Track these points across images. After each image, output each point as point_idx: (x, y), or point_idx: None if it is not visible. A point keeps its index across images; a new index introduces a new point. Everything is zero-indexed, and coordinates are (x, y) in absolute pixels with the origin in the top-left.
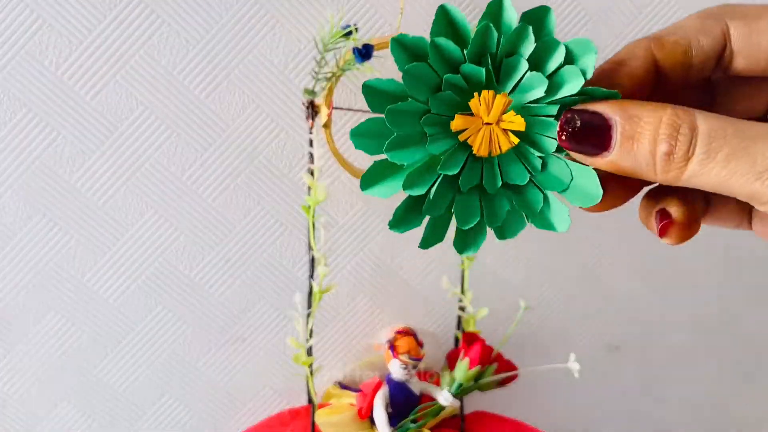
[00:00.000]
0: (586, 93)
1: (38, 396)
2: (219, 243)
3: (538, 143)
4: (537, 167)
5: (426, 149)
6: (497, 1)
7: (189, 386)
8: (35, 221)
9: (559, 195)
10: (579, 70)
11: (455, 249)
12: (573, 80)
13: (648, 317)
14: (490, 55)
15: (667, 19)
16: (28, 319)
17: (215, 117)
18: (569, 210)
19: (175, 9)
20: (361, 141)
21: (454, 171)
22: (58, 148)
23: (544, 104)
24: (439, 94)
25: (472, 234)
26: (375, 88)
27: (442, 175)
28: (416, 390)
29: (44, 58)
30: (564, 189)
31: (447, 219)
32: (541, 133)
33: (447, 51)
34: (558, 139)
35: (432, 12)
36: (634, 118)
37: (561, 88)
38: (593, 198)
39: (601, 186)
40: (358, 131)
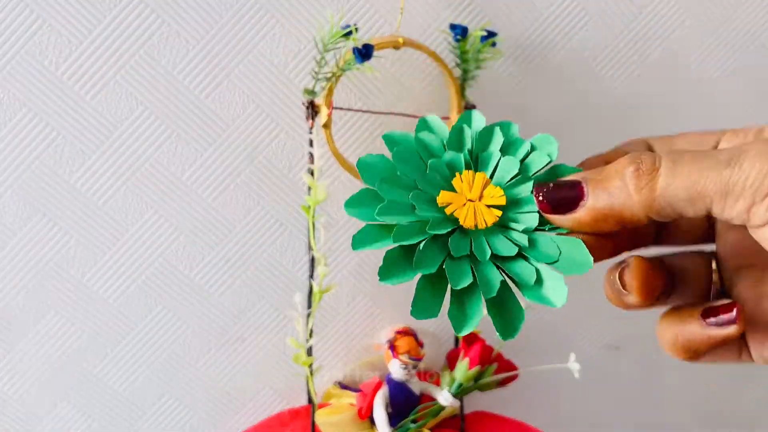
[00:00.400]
0: (555, 171)
1: (38, 396)
2: (219, 243)
3: (521, 222)
4: (524, 245)
5: (416, 215)
6: (467, 113)
7: (189, 386)
8: (35, 221)
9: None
10: (545, 154)
11: (452, 325)
12: (541, 160)
13: (648, 317)
14: (467, 149)
15: (667, 19)
16: (28, 320)
17: (215, 117)
18: (564, 280)
19: (175, 9)
20: (355, 210)
21: (442, 231)
22: (58, 148)
23: (519, 185)
24: (426, 174)
25: (467, 302)
26: (368, 163)
27: (431, 235)
28: (416, 390)
29: (44, 58)
30: (554, 261)
31: (440, 285)
32: (521, 212)
33: (429, 143)
34: (536, 202)
35: (432, 12)
36: (598, 169)
37: (531, 167)
38: (584, 266)
39: (589, 253)
40: (351, 202)
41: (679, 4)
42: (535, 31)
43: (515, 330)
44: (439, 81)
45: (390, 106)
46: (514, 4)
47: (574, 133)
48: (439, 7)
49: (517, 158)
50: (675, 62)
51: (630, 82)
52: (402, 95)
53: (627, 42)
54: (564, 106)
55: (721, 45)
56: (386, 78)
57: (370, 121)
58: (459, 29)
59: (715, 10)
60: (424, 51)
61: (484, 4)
